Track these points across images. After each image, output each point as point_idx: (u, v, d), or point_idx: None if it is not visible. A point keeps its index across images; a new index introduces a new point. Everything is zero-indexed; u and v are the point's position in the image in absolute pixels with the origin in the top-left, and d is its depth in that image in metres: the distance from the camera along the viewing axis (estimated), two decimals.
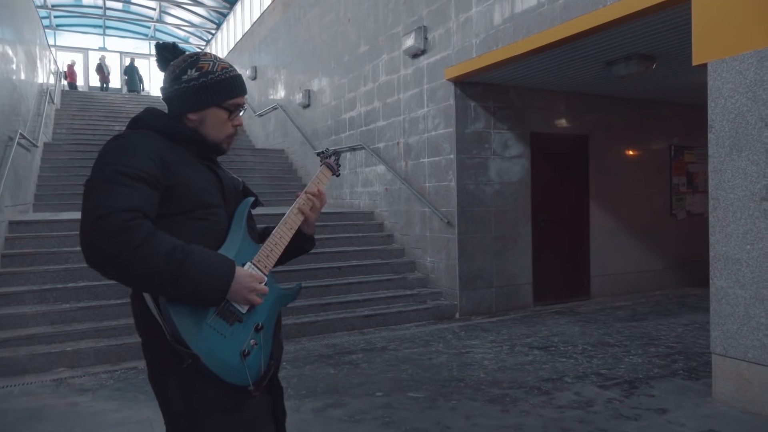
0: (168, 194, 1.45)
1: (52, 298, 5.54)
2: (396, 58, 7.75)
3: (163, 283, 1.33)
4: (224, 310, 1.45)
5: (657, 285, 8.19)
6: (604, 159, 7.82)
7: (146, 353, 1.55)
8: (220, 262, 1.42)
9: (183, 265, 1.33)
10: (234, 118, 1.63)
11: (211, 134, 1.60)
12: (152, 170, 1.42)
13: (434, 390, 4.10)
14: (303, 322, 5.92)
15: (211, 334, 1.42)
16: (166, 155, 1.48)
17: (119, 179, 1.36)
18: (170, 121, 1.58)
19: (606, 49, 5.48)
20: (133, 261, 1.29)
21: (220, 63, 1.60)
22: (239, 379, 1.46)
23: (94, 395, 4.15)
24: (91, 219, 1.30)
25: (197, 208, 1.50)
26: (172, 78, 1.59)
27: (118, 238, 1.28)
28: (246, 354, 1.48)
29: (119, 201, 1.32)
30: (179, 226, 1.46)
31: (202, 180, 1.54)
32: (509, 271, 6.98)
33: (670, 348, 5.09)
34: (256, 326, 1.52)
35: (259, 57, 14.21)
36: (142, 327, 1.53)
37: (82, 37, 24.36)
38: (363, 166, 8.71)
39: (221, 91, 1.58)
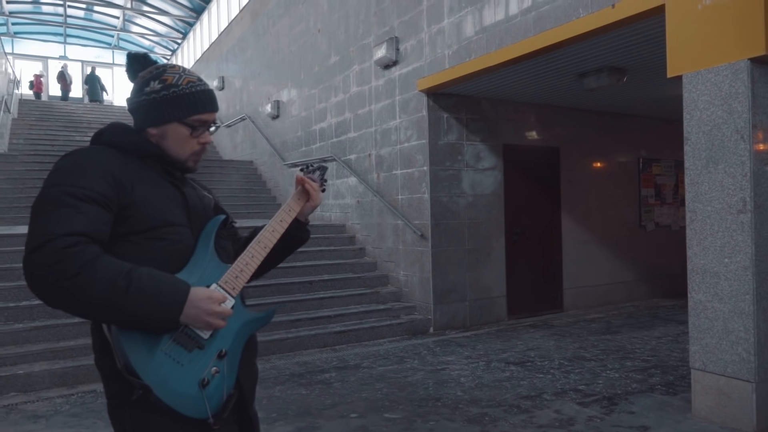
0: (124, 214, 1.36)
1: (3, 317, 5.20)
2: (367, 69, 7.66)
3: (107, 312, 1.25)
4: (182, 335, 1.34)
5: (628, 296, 8.24)
6: (575, 171, 7.86)
7: (104, 384, 1.43)
8: (171, 285, 1.31)
9: (127, 293, 1.24)
10: (199, 135, 1.51)
11: (174, 151, 1.49)
12: (104, 189, 1.33)
13: (411, 410, 3.95)
14: (273, 339, 5.70)
15: (165, 363, 1.31)
16: (122, 173, 1.38)
17: (65, 200, 1.28)
18: (133, 137, 1.48)
19: (578, 61, 5.50)
20: (72, 292, 1.21)
21: (187, 77, 1.50)
22: (197, 411, 1.34)
23: (48, 422, 3.87)
24: (30, 248, 1.23)
25: (157, 226, 1.40)
26: (136, 89, 1.51)
27: (53, 269, 1.21)
28: (205, 383, 1.35)
29: (60, 226, 1.24)
30: (137, 247, 1.37)
31: (162, 198, 1.44)
32: (483, 284, 6.91)
33: (645, 362, 5.06)
34: (219, 353, 1.39)
35: (226, 67, 13.97)
36: (97, 356, 1.43)
37: (42, 45, 23.62)
38: (334, 178, 8.56)
39: (183, 106, 1.47)
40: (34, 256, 1.22)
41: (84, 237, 1.25)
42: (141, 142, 1.47)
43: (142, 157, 1.46)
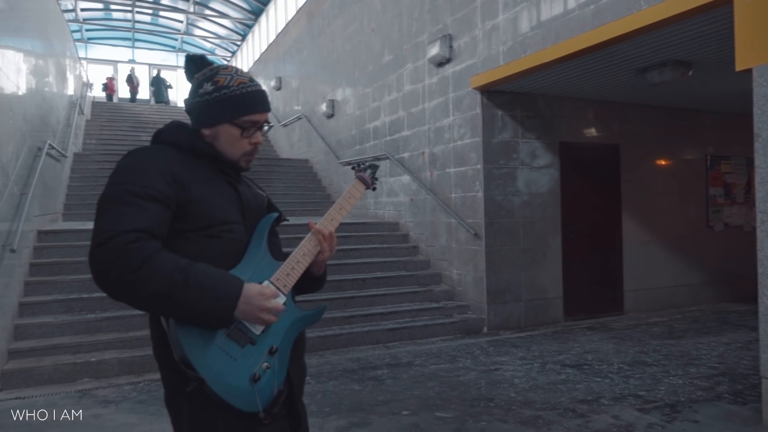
0: (182, 212, 1.41)
1: (78, 307, 5.54)
2: (421, 67, 7.66)
3: (166, 306, 1.30)
4: (235, 331, 1.38)
5: (693, 300, 7.88)
6: (636, 169, 7.58)
7: (161, 375, 1.49)
8: (225, 281, 1.35)
9: (185, 287, 1.29)
10: (251, 136, 1.54)
11: (226, 151, 1.53)
12: (163, 188, 1.37)
13: (463, 410, 3.94)
14: (327, 335, 5.81)
15: (219, 357, 1.35)
16: (180, 171, 1.43)
17: (127, 198, 1.33)
18: (189, 136, 1.52)
19: (639, 55, 5.30)
20: (132, 286, 1.26)
21: (239, 77, 1.53)
22: (249, 405, 1.37)
23: (117, 407, 4.10)
24: (95, 243, 1.29)
25: (213, 224, 1.44)
26: (192, 91, 1.55)
27: (117, 263, 1.26)
28: (257, 378, 1.39)
29: (123, 223, 1.29)
30: (193, 244, 1.42)
31: (219, 196, 1.48)
32: (538, 284, 6.78)
33: (712, 369, 4.83)
34: (270, 349, 1.43)
35: (283, 67, 14.28)
36: (157, 350, 1.49)
37: (112, 49, 24.90)
38: (388, 176, 8.61)
39: (233, 108, 1.50)
40: (98, 252, 1.27)
41: (145, 233, 1.30)
42: (197, 142, 1.51)
43: (198, 156, 1.50)
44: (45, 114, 7.54)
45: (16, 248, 4.79)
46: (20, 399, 4.30)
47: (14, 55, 5.68)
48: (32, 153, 6.20)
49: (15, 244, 4.79)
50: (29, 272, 5.83)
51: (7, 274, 4.95)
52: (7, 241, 4.79)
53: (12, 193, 5.15)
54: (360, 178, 1.72)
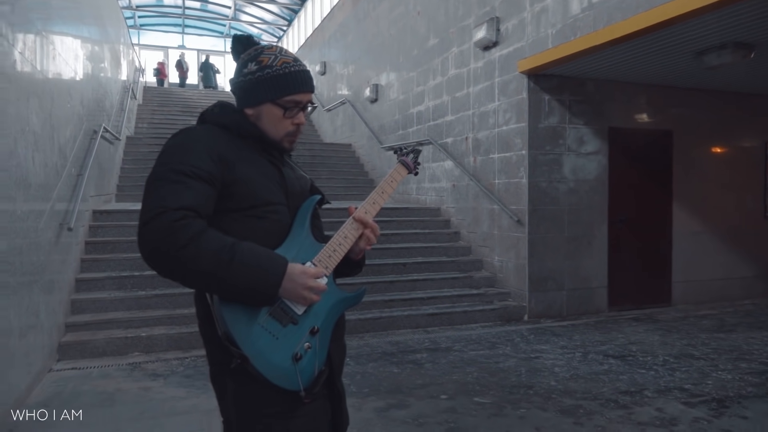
0: (227, 191, 1.42)
1: (129, 284, 5.78)
2: (466, 51, 7.54)
3: (212, 283, 1.31)
4: (278, 310, 1.40)
5: (747, 293, 7.57)
6: (689, 156, 7.29)
7: (207, 351, 1.53)
8: (271, 259, 1.37)
9: (231, 265, 1.30)
10: (293, 116, 1.54)
11: (269, 131, 1.54)
12: (209, 167, 1.39)
13: (501, 396, 3.93)
14: (367, 318, 5.87)
15: (262, 335, 1.37)
16: (226, 151, 1.45)
17: (174, 177, 1.35)
18: (234, 116, 1.54)
19: (697, 37, 5.07)
20: (179, 262, 1.28)
21: (283, 57, 1.53)
22: (290, 383, 1.40)
23: (166, 381, 4.27)
24: (143, 221, 1.30)
25: (258, 205, 1.46)
26: (237, 71, 1.57)
27: (165, 240, 1.27)
28: (298, 358, 1.41)
29: (171, 200, 1.31)
30: (238, 224, 1.43)
31: (263, 177, 1.49)
32: (582, 273, 6.64)
33: (764, 364, 4.65)
34: (311, 329, 1.44)
35: (328, 52, 14.33)
36: (202, 327, 1.52)
37: (163, 35, 25.54)
38: (430, 162, 8.57)
39: (276, 87, 1.50)
40: (146, 229, 1.29)
41: (192, 211, 1.32)
42: (242, 121, 1.53)
43: (242, 136, 1.52)
44: (100, 98, 7.83)
45: (72, 227, 5.02)
46: (76, 369, 4.54)
47: (72, 42, 5.91)
48: (88, 136, 6.46)
49: (72, 222, 5.01)
50: (84, 250, 6.11)
51: (65, 252, 5.20)
52: (64, 220, 5.02)
53: (70, 174, 5.38)
54: (402, 162, 1.72)
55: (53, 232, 4.70)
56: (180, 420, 3.52)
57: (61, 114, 5.08)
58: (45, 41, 4.57)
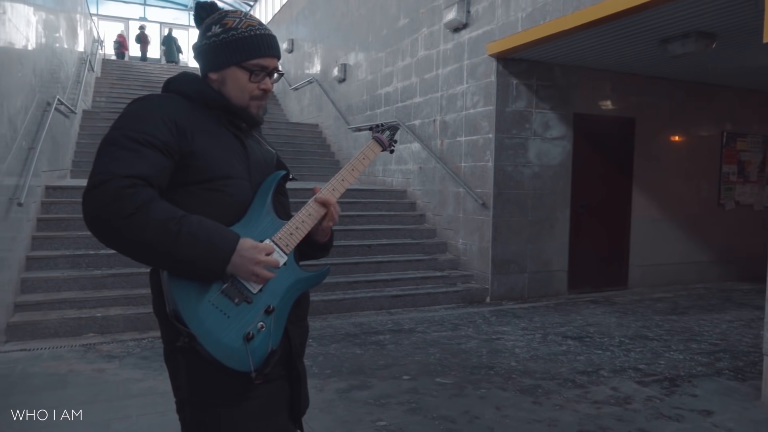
0: (183, 163, 1.37)
1: (84, 263, 5.58)
2: (436, 32, 7.48)
3: (158, 256, 1.27)
4: (231, 288, 1.34)
5: (700, 278, 7.84)
6: (650, 143, 7.45)
7: (160, 328, 1.48)
8: (220, 234, 1.31)
9: (178, 237, 1.25)
10: (259, 81, 1.48)
11: (234, 96, 1.47)
12: (164, 136, 1.34)
13: (463, 377, 3.96)
14: (330, 299, 5.84)
15: (212, 313, 1.31)
16: (185, 121, 1.39)
17: (127, 143, 1.30)
18: (197, 84, 1.49)
19: (662, 25, 5.14)
20: (123, 231, 1.23)
21: (248, 20, 1.48)
22: (239, 363, 1.33)
23: (121, 362, 4.16)
24: (88, 186, 1.26)
25: (215, 178, 1.40)
26: (200, 34, 1.51)
27: (110, 207, 1.22)
28: (250, 337, 1.34)
29: (121, 167, 1.26)
30: (194, 198, 1.38)
31: (223, 149, 1.44)
32: (544, 256, 6.75)
33: (714, 345, 4.82)
34: (266, 308, 1.38)
35: (296, 30, 14.04)
36: (154, 300, 1.47)
37: (123, 6, 24.57)
38: (397, 144, 8.51)
39: (242, 50, 1.45)
40: (91, 194, 1.24)
41: (141, 180, 1.27)
42: (206, 89, 1.47)
43: (208, 106, 1.46)
44: (55, 69, 7.48)
45: (23, 202, 4.80)
46: (26, 351, 4.38)
47: (24, 8, 5.60)
48: (41, 107, 6.17)
49: (22, 198, 4.80)
50: (36, 227, 5.86)
51: (15, 228, 4.98)
52: (14, 195, 4.80)
53: (20, 147, 5.13)
54: (377, 139, 1.66)
55: (2, 207, 4.49)
56: (135, 402, 3.43)
57: (11, 83, 4.82)
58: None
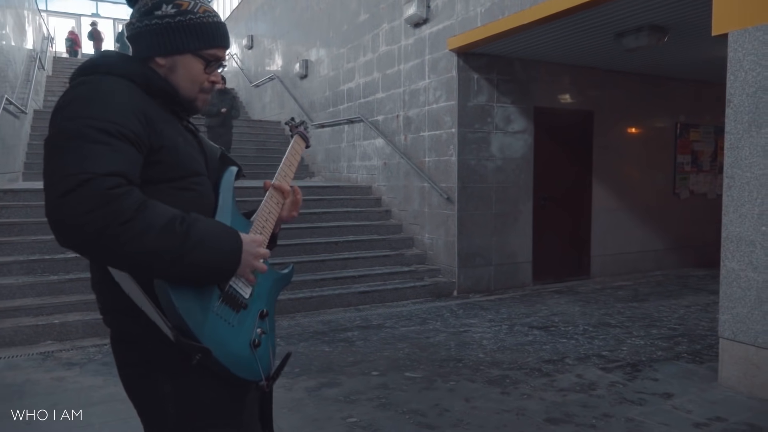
0: (153, 158, 1.21)
1: (39, 269, 5.38)
2: (397, 27, 7.48)
3: (165, 263, 1.09)
4: (228, 296, 1.25)
5: (658, 265, 8.09)
6: (608, 136, 7.63)
7: (119, 351, 1.32)
8: (226, 230, 1.22)
9: (188, 238, 1.11)
10: (212, 72, 1.37)
11: (183, 86, 1.33)
12: (135, 127, 1.16)
13: (432, 370, 3.98)
14: (298, 298, 5.79)
15: (219, 324, 1.22)
16: (149, 110, 1.22)
17: (93, 135, 1.09)
18: (140, 66, 1.29)
19: (616, 19, 5.26)
20: (123, 239, 1.04)
21: (203, 5, 1.34)
22: (251, 373, 1.28)
23: (81, 369, 4.03)
24: (61, 191, 1.03)
25: (185, 176, 1.28)
26: (143, 12, 1.31)
27: (101, 212, 1.03)
28: (256, 344, 1.29)
29: (97, 164, 1.06)
30: (165, 197, 1.20)
31: (187, 143, 1.32)
32: (509, 249, 6.85)
33: (672, 330, 4.98)
34: (261, 312, 1.34)
35: (255, 26, 13.83)
36: (111, 318, 1.29)
37: (74, 2, 23.75)
38: (361, 140, 8.50)
39: (200, 36, 1.31)
40: (70, 200, 1.03)
41: (124, 178, 1.09)
42: (152, 75, 1.29)
43: (151, 93, 1.28)
44: (2, 67, 7.18)
45: None
46: None
47: None
48: None
49: None
50: None
51: None
52: None
53: None
54: (300, 134, 1.63)
55: None
56: (98, 410, 3.33)
57: None
58: None
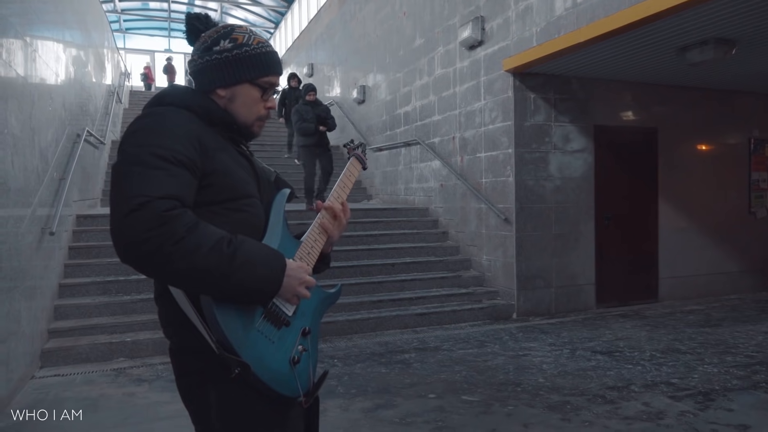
0: (206, 181, 1.30)
1: (114, 289, 5.71)
2: (452, 50, 7.55)
3: (211, 281, 1.17)
4: (271, 312, 1.31)
5: (732, 289, 7.62)
6: (674, 153, 7.34)
7: (177, 361, 1.40)
8: (270, 253, 1.28)
9: (233, 259, 1.18)
10: (268, 99, 1.47)
11: (241, 114, 1.44)
12: (191, 153, 1.26)
13: (489, 394, 3.91)
14: (355, 319, 5.84)
15: (259, 340, 1.28)
16: (205, 138, 1.33)
17: (154, 162, 1.20)
18: (203, 99, 1.41)
19: (679, 33, 5.10)
20: (175, 257, 1.13)
21: (256, 37, 1.45)
22: (290, 389, 1.32)
23: (150, 386, 4.21)
24: (124, 211, 1.13)
25: (236, 197, 1.36)
26: (203, 49, 1.43)
27: (157, 232, 1.12)
28: (296, 361, 1.33)
29: (155, 188, 1.16)
30: (216, 218, 1.30)
31: (239, 167, 1.40)
32: (570, 270, 6.66)
33: (749, 357, 4.68)
34: (303, 330, 1.38)
35: (315, 54, 14.30)
36: (172, 331, 1.39)
37: (149, 39, 25.40)
38: (418, 162, 8.56)
39: (256, 66, 1.42)
40: (130, 220, 1.12)
41: (178, 201, 1.18)
42: (211, 105, 1.41)
43: (211, 121, 1.39)
44: (84, 102, 7.75)
45: (55, 231, 4.95)
46: (59, 376, 4.47)
47: (54, 45, 5.84)
48: (71, 140, 6.38)
49: (54, 227, 4.94)
50: (68, 255, 6.03)
51: (47, 257, 5.13)
52: (46, 225, 4.95)
53: (52, 178, 5.31)
54: (357, 156, 1.66)
55: (34, 237, 4.63)
56: (164, 425, 3.48)
57: (42, 117, 5.01)
58: (24, 44, 4.51)
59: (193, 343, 1.29)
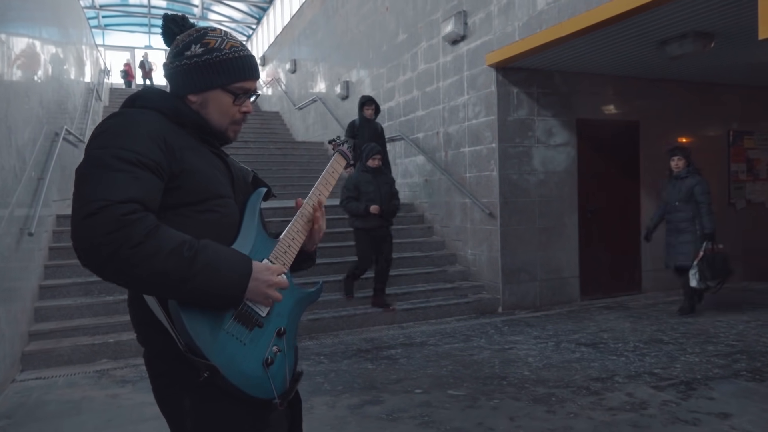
0: (174, 183, 1.28)
1: (96, 290, 5.63)
2: (435, 45, 7.55)
3: (171, 285, 1.16)
4: (242, 313, 1.28)
5: None
6: (656, 146, 7.40)
7: (150, 366, 1.39)
8: (234, 257, 1.25)
9: (193, 263, 1.16)
10: (241, 104, 1.43)
11: (214, 119, 1.41)
12: (156, 155, 1.24)
13: (475, 388, 3.93)
14: (341, 315, 5.83)
15: (229, 342, 1.25)
16: (171, 138, 1.30)
17: (116, 164, 1.18)
18: (173, 101, 1.39)
19: (659, 27, 5.15)
20: (133, 261, 1.12)
21: (230, 41, 1.41)
22: (263, 391, 1.29)
23: (134, 387, 4.17)
24: (82, 215, 1.13)
25: (207, 198, 1.33)
26: (175, 53, 1.40)
27: (114, 236, 1.11)
28: (269, 363, 1.31)
29: (115, 191, 1.15)
30: (186, 220, 1.28)
31: (210, 168, 1.37)
32: (554, 263, 6.71)
33: (730, 347, 4.75)
34: (278, 331, 1.36)
35: (298, 50, 14.21)
36: (143, 335, 1.37)
37: (128, 35, 25.04)
38: (402, 157, 8.56)
39: (226, 72, 1.38)
40: (89, 223, 1.11)
41: (140, 204, 1.16)
42: (182, 107, 1.38)
43: (181, 124, 1.36)
44: (62, 100, 7.62)
45: (33, 232, 4.86)
46: (41, 379, 4.40)
47: (29, 42, 5.73)
48: (49, 138, 6.28)
49: (33, 227, 4.86)
50: (48, 256, 5.94)
51: (26, 258, 5.04)
52: (25, 225, 4.87)
53: (30, 177, 5.22)
54: (341, 152, 1.64)
55: (12, 238, 4.55)
56: (148, 427, 3.43)
57: (18, 116, 4.91)
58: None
59: (166, 348, 1.26)
